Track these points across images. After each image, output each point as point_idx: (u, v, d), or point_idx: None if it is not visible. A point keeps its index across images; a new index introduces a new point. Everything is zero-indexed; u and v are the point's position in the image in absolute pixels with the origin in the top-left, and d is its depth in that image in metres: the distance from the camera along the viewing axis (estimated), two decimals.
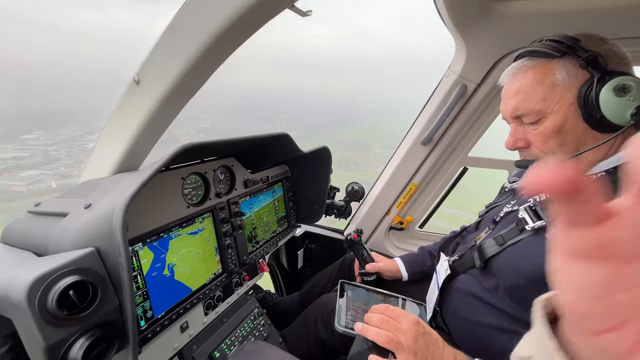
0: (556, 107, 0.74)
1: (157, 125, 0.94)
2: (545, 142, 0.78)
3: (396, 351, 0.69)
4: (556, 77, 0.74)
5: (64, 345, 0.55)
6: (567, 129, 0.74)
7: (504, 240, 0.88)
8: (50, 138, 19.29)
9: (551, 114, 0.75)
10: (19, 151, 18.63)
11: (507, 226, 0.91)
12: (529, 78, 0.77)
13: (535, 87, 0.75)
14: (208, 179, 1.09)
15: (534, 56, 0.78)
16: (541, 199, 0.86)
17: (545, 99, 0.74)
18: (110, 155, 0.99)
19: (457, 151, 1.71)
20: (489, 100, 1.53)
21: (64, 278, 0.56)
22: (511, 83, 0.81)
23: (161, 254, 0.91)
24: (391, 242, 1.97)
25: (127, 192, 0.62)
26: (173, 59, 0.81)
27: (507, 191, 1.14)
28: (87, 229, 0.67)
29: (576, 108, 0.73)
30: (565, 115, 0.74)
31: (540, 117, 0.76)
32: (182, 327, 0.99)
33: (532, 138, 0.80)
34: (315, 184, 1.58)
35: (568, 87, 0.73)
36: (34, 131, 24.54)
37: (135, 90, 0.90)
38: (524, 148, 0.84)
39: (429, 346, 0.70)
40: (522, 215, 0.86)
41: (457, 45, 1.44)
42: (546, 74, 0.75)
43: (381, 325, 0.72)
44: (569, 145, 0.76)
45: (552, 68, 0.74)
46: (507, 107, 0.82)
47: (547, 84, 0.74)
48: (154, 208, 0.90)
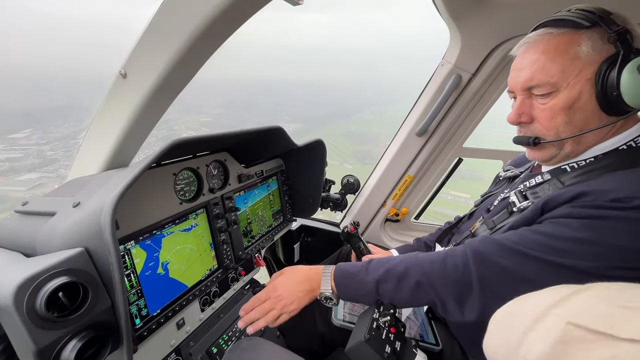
0: (573, 81, 0.70)
1: (146, 120, 0.91)
2: (553, 118, 0.75)
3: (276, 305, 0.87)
4: (581, 49, 0.70)
5: (55, 348, 0.54)
6: (578, 106, 0.72)
7: (494, 224, 0.88)
8: (42, 136, 18.40)
9: (566, 88, 0.71)
10: (10, 152, 17.67)
11: (499, 212, 0.91)
12: (552, 47, 0.72)
13: (557, 57, 0.71)
14: (201, 175, 1.07)
15: (560, 25, 0.73)
16: (532, 185, 0.86)
17: (564, 70, 0.70)
18: (98, 151, 0.96)
19: (452, 142, 1.71)
20: (484, 89, 1.52)
21: (52, 280, 0.54)
22: (527, 53, 0.77)
23: (154, 253, 0.90)
24: (387, 234, 1.97)
25: (117, 190, 0.60)
26: (161, 51, 0.78)
27: (501, 180, 1.14)
28: (76, 228, 0.65)
29: (592, 85, 0.70)
30: (580, 91, 0.70)
31: (554, 90, 0.72)
32: (178, 324, 0.98)
33: (538, 114, 0.77)
34: (310, 177, 1.57)
35: (590, 62, 0.69)
36: (23, 129, 23.43)
37: (122, 84, 0.87)
38: (527, 123, 0.80)
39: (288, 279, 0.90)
40: (512, 199, 0.86)
41: (452, 35, 1.42)
42: (571, 45, 0.70)
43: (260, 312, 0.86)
44: (575, 124, 0.73)
45: (578, 38, 0.70)
46: (519, 78, 0.77)
47: (569, 55, 0.70)
48: (145, 205, 0.88)
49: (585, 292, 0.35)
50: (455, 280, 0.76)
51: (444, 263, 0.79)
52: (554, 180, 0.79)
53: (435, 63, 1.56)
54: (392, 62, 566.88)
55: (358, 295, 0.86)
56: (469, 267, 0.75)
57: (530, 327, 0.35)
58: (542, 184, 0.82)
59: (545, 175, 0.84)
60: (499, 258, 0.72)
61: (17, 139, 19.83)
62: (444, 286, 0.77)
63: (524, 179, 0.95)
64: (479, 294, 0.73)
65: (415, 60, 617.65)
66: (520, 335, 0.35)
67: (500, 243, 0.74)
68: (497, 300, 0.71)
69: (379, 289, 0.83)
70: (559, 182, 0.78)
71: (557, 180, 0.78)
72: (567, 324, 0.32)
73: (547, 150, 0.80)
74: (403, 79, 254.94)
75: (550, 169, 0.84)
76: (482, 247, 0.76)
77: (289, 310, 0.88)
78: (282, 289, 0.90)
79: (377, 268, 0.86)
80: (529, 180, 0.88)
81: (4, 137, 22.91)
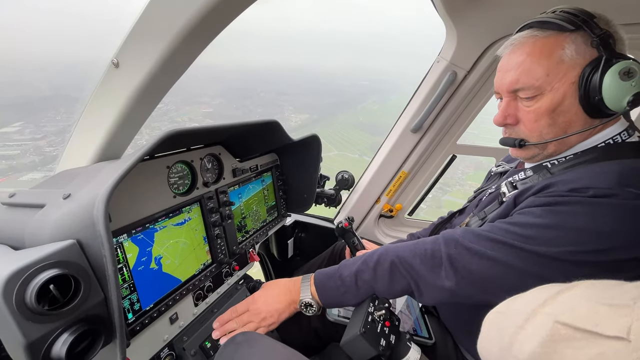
0: (557, 84, 0.71)
1: (139, 110, 0.89)
2: (537, 121, 0.76)
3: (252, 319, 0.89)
4: (565, 53, 0.71)
5: (46, 342, 0.53)
6: (562, 110, 0.73)
7: (485, 215, 0.89)
8: (36, 130, 16.89)
9: (550, 92, 0.72)
10: (5, 149, 16.19)
11: (489, 204, 0.93)
12: (537, 50, 0.73)
13: (541, 61, 0.72)
14: (195, 168, 1.05)
15: (545, 28, 0.73)
16: (519, 178, 0.87)
17: (548, 74, 0.71)
18: (89, 143, 0.94)
19: (446, 139, 1.72)
20: (478, 87, 1.54)
21: (43, 272, 0.52)
22: (514, 54, 0.77)
23: (147, 247, 0.88)
24: (381, 230, 1.99)
25: (110, 180, 0.58)
26: (155, 39, 0.76)
27: (492, 175, 1.16)
28: (67, 220, 0.63)
29: (576, 88, 0.71)
30: (564, 94, 0.72)
31: (538, 93, 0.73)
32: (171, 319, 0.97)
33: (523, 116, 0.78)
34: (305, 173, 1.56)
35: (574, 65, 0.70)
36: (12, 123, 21.75)
37: (115, 74, 0.84)
38: (512, 125, 0.82)
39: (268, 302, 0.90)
40: (503, 190, 0.87)
41: (448, 31, 1.43)
42: (555, 48, 0.71)
43: (237, 324, 0.90)
44: (559, 126, 0.75)
45: (562, 42, 0.71)
46: (504, 80, 0.78)
47: (554, 59, 0.71)
48: (138, 198, 0.86)
49: (572, 290, 0.36)
50: (426, 257, 0.79)
51: (415, 245, 0.82)
52: (543, 171, 0.81)
53: (424, 49, 1.56)
54: (385, 49, 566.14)
55: (339, 294, 0.86)
56: (439, 248, 0.78)
57: (521, 326, 0.35)
58: (529, 178, 0.85)
59: (527, 172, 0.86)
60: (469, 243, 0.75)
61: (9, 133, 18.30)
62: (417, 264, 0.79)
63: (510, 173, 0.97)
64: (450, 268, 0.75)
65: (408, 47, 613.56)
66: (511, 335, 0.36)
67: (472, 231, 0.77)
68: (468, 275, 0.74)
69: (358, 281, 0.84)
70: (549, 173, 0.79)
71: (547, 171, 0.80)
72: (555, 323, 0.32)
73: (529, 151, 0.82)
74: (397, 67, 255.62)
75: (532, 166, 0.86)
76: (454, 234, 0.79)
77: (267, 324, 0.89)
78: (262, 301, 0.90)
79: (354, 262, 0.87)
80: (513, 176, 0.90)
81: None
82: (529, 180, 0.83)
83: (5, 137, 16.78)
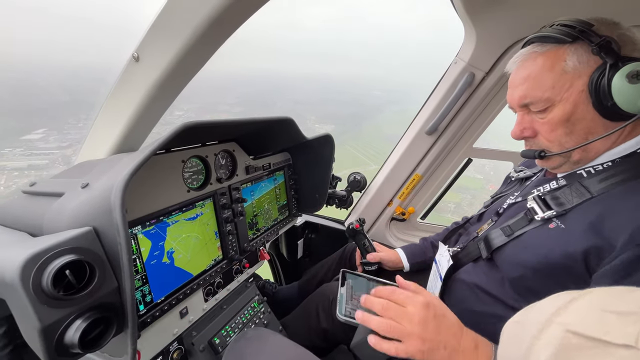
0: (565, 95, 0.72)
1: (157, 105, 0.90)
2: (553, 131, 0.76)
3: (401, 339, 0.65)
4: (567, 64, 0.71)
5: (60, 327, 0.53)
6: (577, 118, 0.72)
7: (512, 231, 0.86)
8: (60, 137, 16.02)
9: (560, 102, 0.72)
10: (31, 157, 15.34)
11: (514, 217, 0.89)
12: (539, 65, 0.74)
13: (545, 75, 0.73)
14: (209, 163, 1.06)
15: (545, 42, 0.75)
16: (548, 190, 0.84)
17: (554, 86, 0.72)
18: (107, 135, 0.96)
19: (462, 142, 1.69)
20: (497, 89, 1.50)
21: (59, 257, 0.53)
22: (519, 70, 0.79)
23: (159, 241, 0.89)
24: (392, 233, 1.95)
25: (127, 169, 0.59)
26: (175, 34, 0.77)
27: (512, 181, 1.12)
28: (85, 208, 0.64)
29: (587, 96, 0.70)
30: (574, 103, 0.71)
31: (549, 105, 0.74)
32: (181, 313, 0.97)
33: (539, 127, 0.78)
34: (317, 173, 1.55)
35: (579, 74, 0.71)
36: (35, 129, 20.81)
37: (135, 68, 0.86)
38: (531, 137, 0.82)
39: (441, 331, 0.64)
40: (531, 205, 0.84)
41: (467, 32, 1.40)
42: (556, 61, 0.72)
43: (384, 313, 0.68)
44: (578, 134, 0.74)
45: (562, 54, 0.72)
46: (514, 96, 0.80)
47: (557, 71, 0.72)
48: (153, 191, 0.87)
49: (584, 298, 0.35)
50: None
51: None
52: (575, 185, 0.78)
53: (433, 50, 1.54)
54: (397, 58, 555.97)
55: None
56: None
57: (536, 337, 0.35)
58: (560, 189, 0.81)
59: (560, 181, 0.83)
60: None
61: (34, 140, 17.96)
62: None
63: (537, 183, 0.93)
64: None
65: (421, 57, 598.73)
66: (528, 345, 0.36)
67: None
68: None
69: None
70: (583, 187, 0.76)
71: (580, 184, 0.77)
72: (567, 332, 0.32)
73: (553, 161, 0.81)
74: (408, 76, 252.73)
75: (564, 175, 0.83)
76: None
77: (405, 349, 0.63)
78: (434, 324, 0.66)
79: None
80: (543, 185, 0.87)
81: (18, 139, 20.53)
82: (560, 195, 0.79)
83: (30, 145, 16.55)
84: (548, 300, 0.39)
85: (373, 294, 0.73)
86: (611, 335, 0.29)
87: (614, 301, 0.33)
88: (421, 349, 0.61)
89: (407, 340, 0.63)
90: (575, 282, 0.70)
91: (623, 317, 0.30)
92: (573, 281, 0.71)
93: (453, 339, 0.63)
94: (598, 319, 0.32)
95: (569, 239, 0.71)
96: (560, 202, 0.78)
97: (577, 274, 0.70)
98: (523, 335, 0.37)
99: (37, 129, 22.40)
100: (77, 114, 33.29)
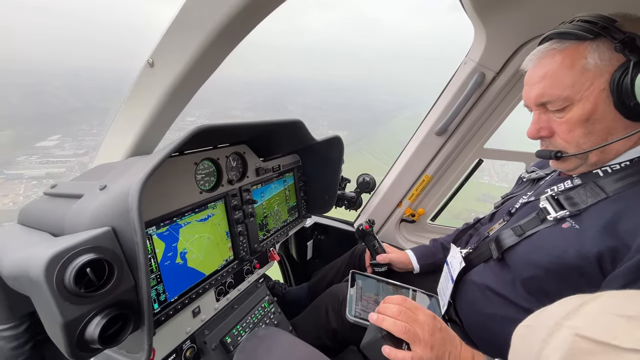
0: (586, 93, 0.69)
1: (171, 109, 0.93)
2: (571, 131, 0.74)
3: (412, 343, 0.67)
4: (587, 62, 0.69)
5: (81, 323, 0.55)
6: (596, 118, 0.70)
7: (523, 231, 0.85)
8: (75, 144, 15.22)
9: (580, 101, 0.70)
10: (48, 165, 14.42)
11: (526, 216, 0.88)
12: (557, 62, 0.72)
13: (564, 72, 0.71)
14: (220, 165, 1.08)
15: (564, 38, 0.72)
16: (562, 189, 0.83)
17: (574, 85, 0.70)
18: (123, 139, 0.99)
19: (472, 142, 1.67)
20: (508, 89, 1.48)
21: (81, 255, 0.55)
22: (536, 68, 0.77)
23: (173, 242, 0.91)
24: (402, 235, 1.95)
25: (144, 171, 0.61)
26: (188, 40, 0.80)
27: (524, 182, 1.11)
28: (103, 209, 0.67)
29: (608, 95, 0.68)
30: (595, 102, 0.69)
31: (567, 104, 0.72)
32: (194, 312, 1.00)
33: (556, 127, 0.76)
34: (326, 174, 1.56)
35: (600, 72, 0.68)
36: (50, 136, 19.64)
37: (149, 73, 0.88)
38: (547, 137, 0.80)
39: (446, 342, 0.68)
40: (544, 205, 0.83)
41: (476, 32, 1.39)
42: (577, 58, 0.70)
43: (398, 317, 0.70)
44: (597, 134, 0.72)
45: (583, 51, 0.69)
46: (530, 94, 0.78)
47: (577, 69, 0.70)
48: (167, 193, 0.90)
49: (595, 302, 0.35)
50: None
51: None
52: (590, 185, 0.76)
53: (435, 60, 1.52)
54: (402, 62, 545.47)
55: None
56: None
57: (546, 341, 0.35)
58: (575, 189, 0.79)
59: (575, 180, 0.81)
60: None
61: (49, 147, 16.80)
62: None
63: (551, 182, 0.91)
64: None
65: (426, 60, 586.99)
66: (538, 350, 0.36)
67: None
68: None
69: None
70: (598, 187, 0.74)
71: (595, 184, 0.75)
72: (575, 336, 0.32)
73: (570, 162, 0.79)
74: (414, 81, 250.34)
75: (580, 174, 0.81)
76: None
77: (417, 356, 0.66)
78: (434, 331, 0.69)
79: None
80: (557, 185, 0.85)
81: (32, 146, 19.11)
82: (574, 195, 0.77)
83: (46, 152, 16.20)
84: (559, 304, 0.39)
85: (384, 301, 0.76)
86: (620, 339, 0.29)
87: (624, 305, 0.33)
88: (430, 357, 0.65)
89: (418, 347, 0.66)
90: (589, 284, 0.69)
91: (633, 321, 0.30)
92: (586, 282, 0.70)
93: (455, 350, 0.67)
94: (607, 323, 0.32)
95: (584, 240, 0.70)
96: (574, 202, 0.76)
97: (590, 275, 0.68)
98: (533, 339, 0.37)
99: (50, 135, 21.75)
100: (90, 120, 33.12)
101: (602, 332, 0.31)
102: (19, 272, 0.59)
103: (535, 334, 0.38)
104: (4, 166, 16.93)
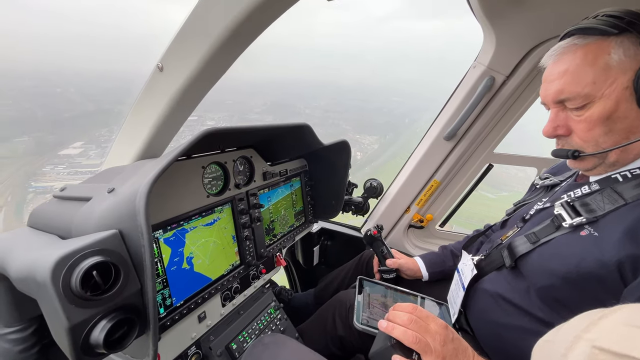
0: (607, 91, 0.67)
1: (179, 113, 0.93)
2: (590, 130, 0.71)
3: (423, 353, 0.65)
4: (611, 58, 0.66)
5: (86, 327, 0.55)
6: (618, 116, 0.68)
7: (537, 238, 0.82)
8: (100, 152, 15.28)
9: (600, 99, 0.68)
10: (77, 177, 14.11)
11: (540, 223, 0.85)
12: (579, 58, 0.69)
13: (585, 69, 0.68)
14: (228, 169, 1.08)
15: (587, 34, 0.70)
16: (579, 195, 0.80)
17: (595, 81, 0.67)
18: (133, 142, 1.00)
19: (482, 147, 1.64)
20: (518, 93, 1.46)
21: (87, 258, 0.55)
22: (556, 64, 0.74)
23: (179, 247, 0.91)
24: (410, 241, 1.91)
25: (151, 174, 0.61)
26: (196, 46, 0.80)
27: (537, 188, 1.08)
28: (111, 212, 0.67)
29: (631, 92, 0.66)
30: (617, 100, 0.67)
31: (587, 102, 0.69)
32: (199, 317, 0.99)
33: (575, 125, 0.74)
34: (333, 179, 1.55)
35: (624, 69, 0.66)
36: (72, 143, 20.40)
37: (159, 77, 0.89)
38: (564, 136, 0.77)
39: (458, 353, 0.66)
40: (559, 211, 0.80)
41: (486, 35, 1.38)
42: (599, 54, 0.67)
43: (409, 325, 0.68)
44: (618, 133, 0.69)
45: (607, 47, 0.67)
46: (549, 91, 0.75)
47: (599, 65, 0.67)
48: (174, 196, 0.90)
49: (614, 314, 0.35)
50: None
51: None
52: (608, 191, 0.73)
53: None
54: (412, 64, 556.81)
55: None
56: None
57: (565, 355, 0.35)
58: (592, 195, 0.76)
59: (593, 186, 0.78)
60: None
61: (73, 156, 15.60)
62: None
63: (567, 188, 0.88)
64: None
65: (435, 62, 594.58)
66: None
67: None
68: None
69: None
70: (616, 193, 0.71)
71: (613, 191, 0.72)
72: (593, 348, 0.32)
73: (587, 162, 0.76)
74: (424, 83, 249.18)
75: (598, 179, 0.78)
76: None
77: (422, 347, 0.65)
78: (446, 341, 0.67)
79: None
80: (574, 190, 0.82)
81: (56, 154, 17.88)
82: (590, 201, 0.75)
83: (72, 161, 15.13)
84: (578, 318, 0.38)
85: (394, 308, 0.74)
86: (638, 350, 0.29)
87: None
88: None
89: (429, 358, 0.64)
90: (608, 293, 0.66)
91: None
92: (605, 292, 0.67)
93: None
94: (626, 334, 0.31)
95: (603, 248, 0.67)
96: (591, 208, 0.74)
97: (610, 284, 0.66)
98: (553, 354, 0.37)
99: (71, 142, 20.80)
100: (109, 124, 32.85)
101: (620, 344, 0.30)
102: (26, 274, 0.59)
103: (554, 348, 0.37)
104: (30, 177, 16.47)
